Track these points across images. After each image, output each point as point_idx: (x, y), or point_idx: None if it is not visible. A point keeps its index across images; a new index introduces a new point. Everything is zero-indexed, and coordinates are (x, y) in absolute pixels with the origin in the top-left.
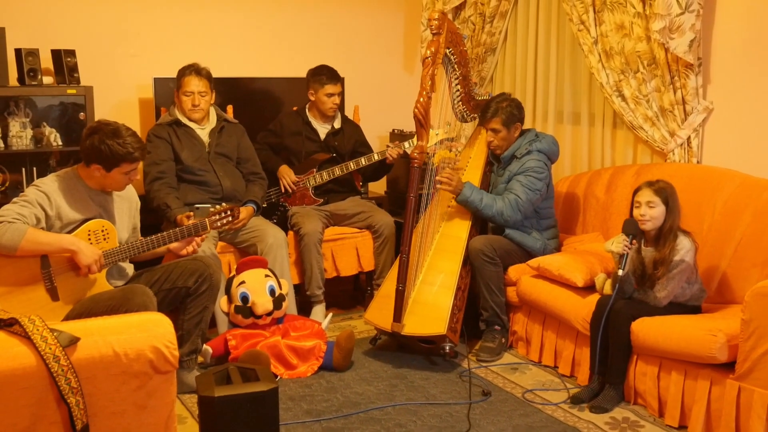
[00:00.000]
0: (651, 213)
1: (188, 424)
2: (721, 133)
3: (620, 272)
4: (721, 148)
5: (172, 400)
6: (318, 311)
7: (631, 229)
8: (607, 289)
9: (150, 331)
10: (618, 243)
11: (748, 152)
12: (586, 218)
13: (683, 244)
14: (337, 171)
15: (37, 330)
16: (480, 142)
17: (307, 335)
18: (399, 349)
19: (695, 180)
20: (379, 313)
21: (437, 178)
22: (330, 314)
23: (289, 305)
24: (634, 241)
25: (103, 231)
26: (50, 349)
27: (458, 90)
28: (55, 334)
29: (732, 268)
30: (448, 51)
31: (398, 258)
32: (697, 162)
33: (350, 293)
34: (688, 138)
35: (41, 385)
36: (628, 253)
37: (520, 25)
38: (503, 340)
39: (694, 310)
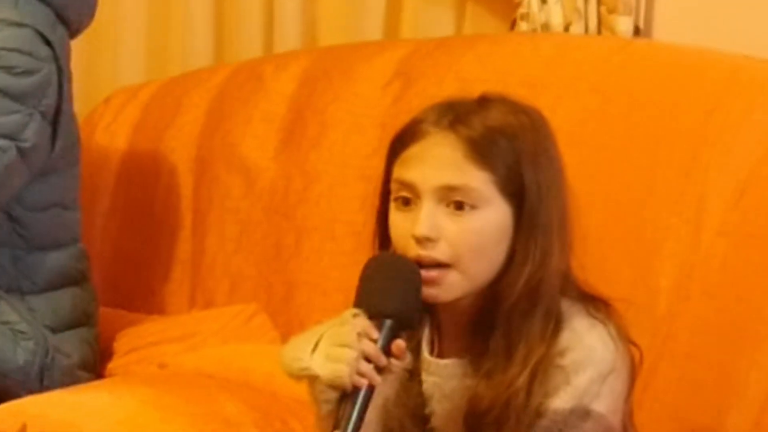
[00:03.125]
0: (455, 231)
1: None
2: None
3: None
4: None
5: None
6: None
7: (390, 292)
8: None
9: None
10: (336, 347)
11: None
12: (209, 250)
13: (584, 352)
14: None
15: None
16: None
17: None
18: None
19: (628, 100)
20: None
21: None
22: None
23: None
24: (399, 342)
25: None
26: None
27: None
28: None
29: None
30: None
31: None
32: (636, 32)
33: None
34: None
35: None
36: (372, 390)
37: None
38: None
39: None
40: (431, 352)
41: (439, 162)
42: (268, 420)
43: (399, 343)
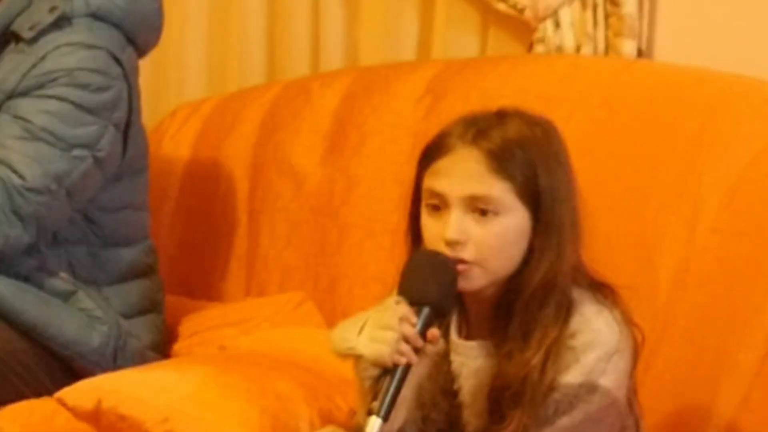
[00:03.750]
0: (481, 235)
1: None
2: None
3: (372, 427)
4: (716, 11)
5: None
6: None
7: (427, 284)
8: None
9: None
10: (379, 330)
11: None
12: (262, 246)
13: (593, 335)
14: None
15: None
16: None
17: None
18: None
19: (631, 114)
20: None
21: None
22: None
23: None
24: (434, 330)
25: None
26: None
27: None
28: None
29: (755, 414)
30: None
31: None
32: (639, 53)
33: None
34: None
35: None
36: (410, 367)
37: None
38: None
39: None
40: (459, 335)
41: (465, 174)
42: (315, 395)
43: (434, 332)
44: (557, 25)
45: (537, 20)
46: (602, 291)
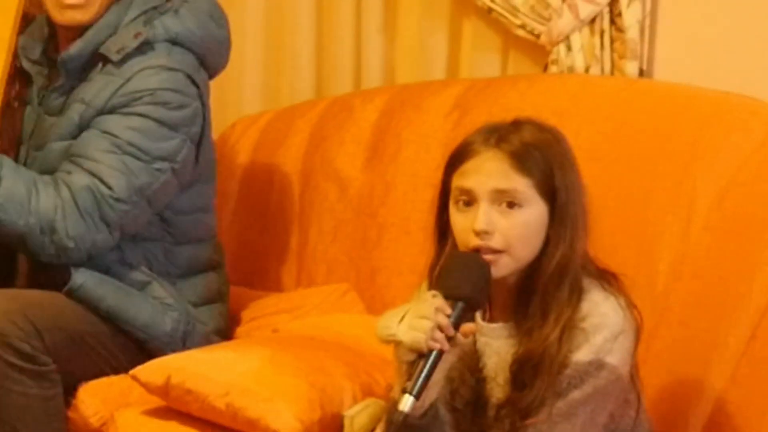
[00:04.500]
0: (507, 226)
1: None
2: None
3: (405, 404)
4: (709, 36)
5: None
6: None
7: (462, 281)
8: None
9: None
10: (418, 319)
11: None
12: (311, 242)
13: (601, 318)
14: None
15: None
16: None
17: None
18: None
19: (634, 126)
20: None
21: None
22: None
23: None
24: (470, 325)
25: None
26: None
27: None
28: None
29: (742, 389)
30: None
31: None
32: (641, 73)
33: None
34: (614, 2)
35: None
36: (442, 353)
37: None
38: None
39: None
40: (483, 319)
41: (491, 172)
42: (357, 372)
43: (469, 326)
44: (569, 48)
45: (551, 44)
46: (608, 279)
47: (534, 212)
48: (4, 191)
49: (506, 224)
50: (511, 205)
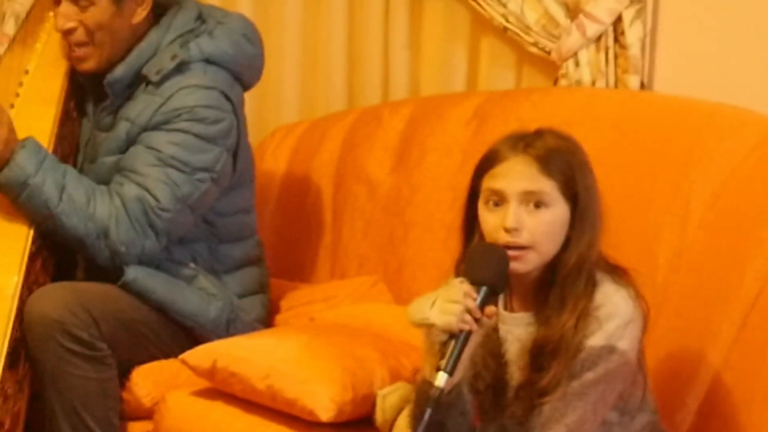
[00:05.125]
0: (534, 223)
1: None
2: (705, 13)
3: (440, 380)
4: (704, 51)
5: None
6: None
7: (486, 268)
8: (404, 427)
9: None
10: (448, 303)
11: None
12: (343, 239)
13: (613, 308)
14: None
15: None
16: (54, 34)
17: None
18: None
19: (636, 134)
20: None
21: None
22: None
23: None
24: (492, 307)
25: None
26: None
27: None
28: None
29: (735, 372)
30: None
31: None
32: (642, 86)
33: None
34: (618, 22)
35: None
36: (471, 333)
37: None
38: None
39: None
40: (505, 308)
41: (520, 175)
42: (385, 357)
43: (492, 308)
44: (577, 64)
45: (561, 60)
46: (618, 273)
47: (558, 212)
48: (67, 198)
49: (533, 222)
50: (538, 205)
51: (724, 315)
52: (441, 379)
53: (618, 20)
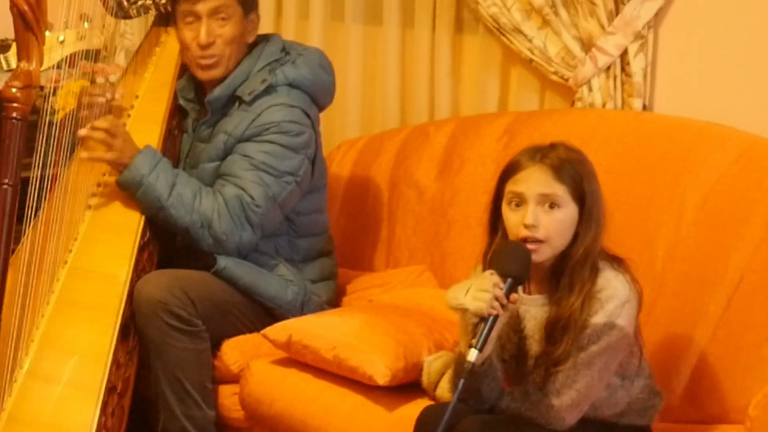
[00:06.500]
0: (549, 221)
1: None
2: (697, 46)
3: (472, 356)
4: (696, 79)
5: None
6: None
7: (511, 263)
8: (445, 390)
9: None
10: (479, 292)
11: (756, 85)
12: (397, 234)
13: (612, 291)
14: None
15: None
16: (160, 64)
17: None
18: None
19: (639, 148)
20: None
21: (83, 131)
22: None
23: None
24: (516, 294)
25: None
26: None
27: None
28: None
29: (720, 345)
30: None
31: None
32: (644, 108)
33: None
34: (624, 54)
35: None
36: (498, 317)
37: None
38: None
39: None
40: (524, 291)
41: (537, 181)
42: (431, 332)
43: (516, 296)
44: (590, 89)
45: (577, 86)
46: (617, 261)
47: (568, 212)
48: (176, 194)
49: (548, 220)
50: (552, 206)
51: (711, 297)
52: (473, 355)
53: (624, 53)
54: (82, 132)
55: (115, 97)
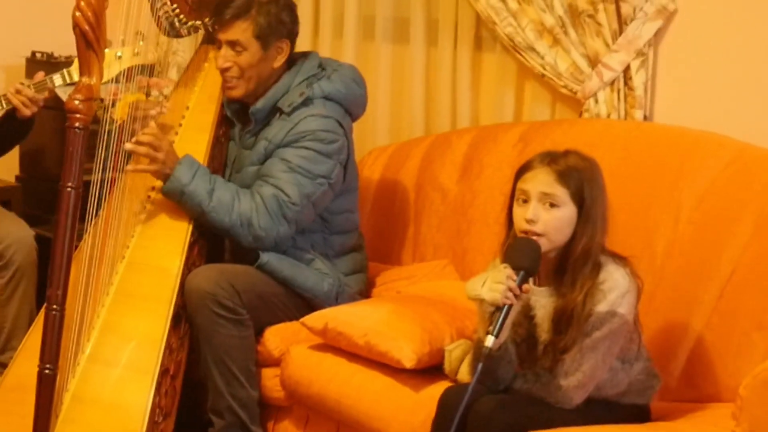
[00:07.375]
0: (547, 218)
1: None
2: (692, 62)
3: (489, 342)
4: (692, 92)
5: None
6: None
7: (523, 258)
8: (465, 373)
9: None
10: (495, 284)
11: (746, 97)
12: (422, 232)
13: (613, 282)
14: None
15: None
16: (208, 78)
17: None
18: None
19: (640, 154)
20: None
21: (128, 145)
22: None
23: None
24: (527, 285)
25: None
26: None
27: None
28: None
29: (714, 332)
30: None
31: (43, 311)
32: (645, 118)
33: None
34: (627, 70)
35: None
36: (512, 306)
37: None
38: None
39: (636, 414)
40: (534, 283)
41: (542, 181)
42: (453, 320)
43: (527, 287)
44: (596, 101)
45: (584, 98)
46: (618, 257)
47: (566, 212)
48: (216, 197)
49: (547, 217)
50: (552, 205)
51: (706, 289)
52: (489, 341)
53: (627, 69)
54: (128, 146)
55: (162, 111)
